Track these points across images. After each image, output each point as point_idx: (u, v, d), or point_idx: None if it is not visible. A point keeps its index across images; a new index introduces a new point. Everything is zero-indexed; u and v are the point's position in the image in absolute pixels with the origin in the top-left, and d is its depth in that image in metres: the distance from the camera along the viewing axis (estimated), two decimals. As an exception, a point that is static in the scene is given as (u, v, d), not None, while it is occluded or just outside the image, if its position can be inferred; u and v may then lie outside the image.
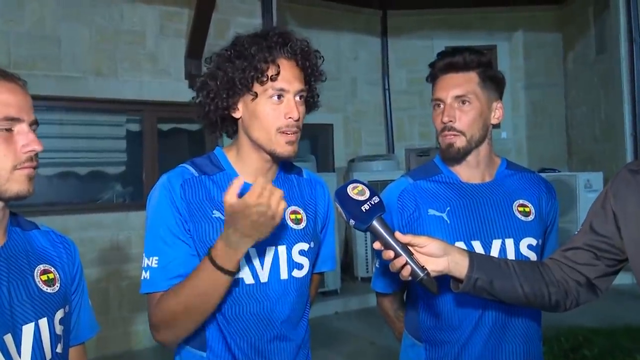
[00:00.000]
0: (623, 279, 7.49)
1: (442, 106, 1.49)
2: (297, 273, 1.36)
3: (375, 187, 1.24)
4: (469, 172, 1.53)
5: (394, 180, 1.62)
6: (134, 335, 4.80)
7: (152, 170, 5.20)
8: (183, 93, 5.22)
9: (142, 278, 1.31)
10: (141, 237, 4.90)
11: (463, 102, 1.47)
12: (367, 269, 6.62)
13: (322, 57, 1.37)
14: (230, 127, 1.37)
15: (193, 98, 1.37)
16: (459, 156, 1.49)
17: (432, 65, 1.55)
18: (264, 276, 1.31)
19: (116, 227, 4.85)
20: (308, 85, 1.34)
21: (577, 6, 7.85)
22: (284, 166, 1.43)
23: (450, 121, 1.46)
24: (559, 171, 7.23)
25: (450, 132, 1.47)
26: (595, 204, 1.30)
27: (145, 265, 1.30)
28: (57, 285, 1.18)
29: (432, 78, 1.55)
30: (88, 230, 4.59)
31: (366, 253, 6.60)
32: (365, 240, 6.53)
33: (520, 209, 1.51)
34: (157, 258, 1.28)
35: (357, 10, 7.62)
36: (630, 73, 6.86)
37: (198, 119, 1.38)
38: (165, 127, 5.41)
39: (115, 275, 4.75)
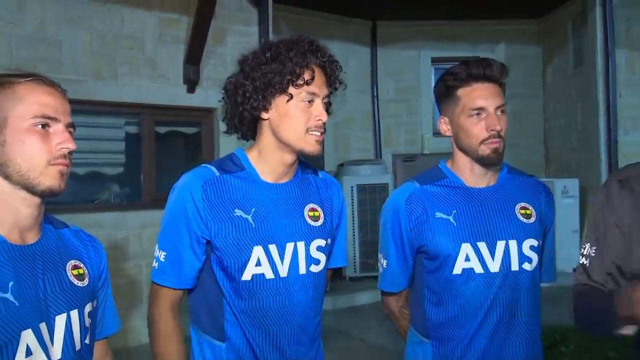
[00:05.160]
0: (598, 281, 7.52)
1: (483, 115, 1.48)
2: (314, 268, 1.38)
3: (363, 190, 1.27)
4: (474, 176, 1.55)
5: (381, 184, 1.65)
6: (131, 332, 4.76)
7: (150, 171, 5.18)
8: (181, 97, 5.21)
9: (153, 266, 1.37)
10: (138, 236, 4.89)
11: (502, 112, 1.50)
12: (354, 269, 6.65)
13: (341, 67, 1.39)
14: (251, 130, 1.39)
15: (223, 99, 1.39)
16: (500, 160, 1.52)
17: (459, 73, 1.51)
18: (283, 271, 1.34)
19: (114, 226, 4.81)
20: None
21: (556, 21, 7.96)
22: (301, 166, 1.45)
23: (500, 129, 1.48)
24: (537, 177, 7.34)
25: (497, 139, 1.48)
26: (597, 221, 1.29)
27: (156, 256, 1.36)
28: (87, 280, 1.21)
29: (459, 85, 1.51)
30: (87, 230, 4.52)
31: (354, 254, 6.63)
32: (353, 243, 6.55)
33: (522, 211, 1.54)
34: (165, 254, 1.34)
35: (348, 20, 7.66)
36: (606, 85, 6.99)
37: (223, 120, 1.39)
38: (162, 129, 5.38)
39: (112, 273, 4.61)
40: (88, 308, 1.19)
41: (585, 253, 1.30)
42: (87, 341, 1.19)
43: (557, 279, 1.70)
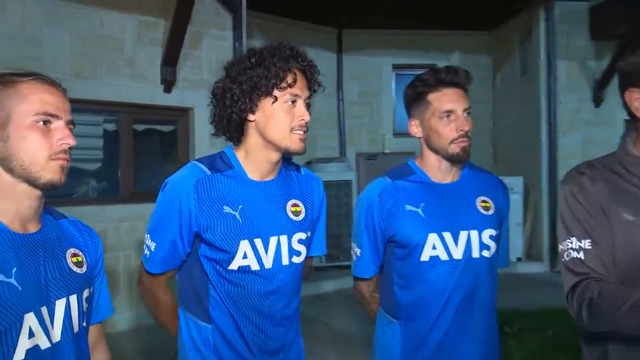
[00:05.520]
0: (538, 268, 7.86)
1: (452, 117, 1.53)
2: (296, 259, 1.41)
3: (329, 186, 1.30)
4: (441, 173, 1.60)
5: (345, 180, 1.68)
6: (108, 320, 4.67)
7: (127, 167, 5.08)
8: (158, 97, 5.13)
9: (144, 253, 1.40)
10: (116, 229, 4.80)
11: (468, 114, 1.55)
12: (320, 259, 6.68)
13: (319, 71, 1.42)
14: (237, 132, 1.39)
15: (211, 102, 1.39)
16: (468, 157, 1.56)
17: (428, 80, 1.56)
18: (268, 263, 1.36)
19: (93, 219, 4.69)
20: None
21: (505, 34, 8.17)
22: (285, 164, 1.46)
23: (467, 129, 1.53)
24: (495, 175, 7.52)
25: (465, 139, 1.53)
26: (579, 215, 1.24)
27: (147, 245, 1.38)
28: (85, 267, 1.21)
29: (429, 90, 1.56)
30: (66, 222, 4.43)
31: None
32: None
33: (482, 204, 1.60)
34: (155, 245, 1.36)
35: (317, 28, 7.68)
36: (548, 92, 7.24)
37: (212, 123, 1.39)
38: (140, 127, 5.29)
39: (91, 264, 4.60)
40: (86, 293, 1.19)
41: (575, 247, 1.22)
42: (84, 324, 1.20)
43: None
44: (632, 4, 6.48)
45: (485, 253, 1.56)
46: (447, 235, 1.54)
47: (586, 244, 1.21)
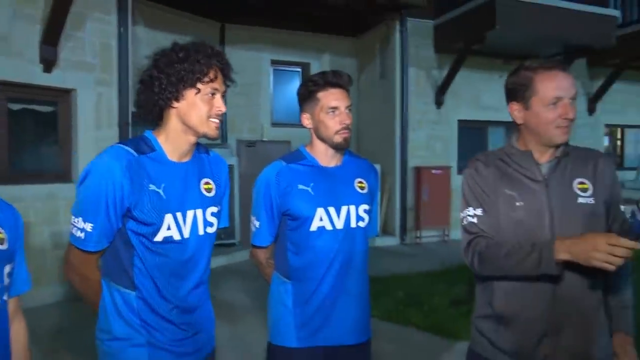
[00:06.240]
0: (391, 242, 8.58)
1: (336, 112, 1.71)
2: (209, 229, 1.49)
3: None
4: (327, 158, 1.79)
5: (229, 165, 1.77)
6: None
7: (1, 147, 4.55)
8: (37, 76, 4.66)
9: (77, 236, 1.34)
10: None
11: (349, 110, 1.73)
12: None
13: (233, 69, 1.50)
14: (158, 116, 1.43)
15: (139, 89, 1.40)
16: (348, 146, 1.74)
17: (318, 81, 1.71)
18: (186, 233, 1.42)
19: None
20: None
21: (367, 40, 8.70)
22: (197, 148, 1.53)
23: (348, 123, 1.71)
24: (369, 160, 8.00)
25: (347, 130, 1.72)
26: (474, 190, 1.49)
27: (81, 227, 1.34)
28: (6, 244, 1.17)
29: (319, 89, 1.71)
30: None
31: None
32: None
33: (359, 185, 1.80)
34: (92, 225, 1.33)
35: (201, 20, 7.45)
36: (401, 94, 7.93)
37: (138, 108, 1.41)
38: (16, 107, 4.75)
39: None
40: (7, 269, 1.16)
41: (471, 214, 1.48)
42: (5, 298, 1.16)
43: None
44: (466, 25, 7.38)
45: (361, 224, 1.78)
46: (332, 210, 1.72)
47: (479, 211, 1.48)
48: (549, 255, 1.32)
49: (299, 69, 8.70)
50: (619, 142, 10.40)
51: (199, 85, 1.37)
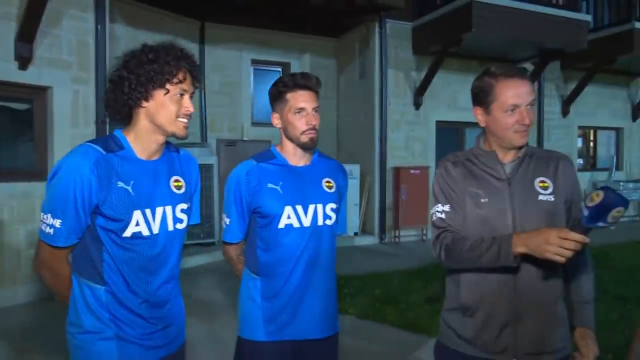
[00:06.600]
0: (370, 240, 8.64)
1: (304, 113, 1.76)
2: (179, 226, 1.53)
3: (200, 170, 1.48)
4: (296, 157, 1.83)
5: (207, 164, 1.81)
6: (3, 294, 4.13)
7: (-26, 144, 4.49)
8: (12, 73, 4.60)
9: (46, 232, 1.37)
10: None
11: (316, 111, 1.79)
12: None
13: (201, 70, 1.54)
14: (128, 116, 1.46)
15: (107, 88, 1.43)
16: (315, 146, 1.80)
17: (287, 82, 1.77)
18: (156, 229, 1.46)
19: None
20: None
21: (347, 42, 8.75)
22: (167, 146, 1.57)
23: (315, 124, 1.76)
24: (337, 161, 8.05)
25: (313, 131, 1.77)
26: (444, 188, 1.58)
27: (50, 223, 1.36)
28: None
29: (288, 90, 1.76)
30: None
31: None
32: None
33: (327, 184, 1.85)
34: (60, 221, 1.36)
35: (181, 19, 7.42)
36: (380, 95, 8.01)
37: (107, 108, 1.44)
38: (-10, 104, 4.69)
39: None
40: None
41: (440, 210, 1.58)
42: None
43: (338, 242, 2.00)
44: (443, 28, 7.51)
45: (328, 222, 1.83)
46: (299, 208, 1.77)
47: (447, 207, 1.57)
48: (507, 248, 1.40)
49: (280, 69, 8.73)
50: (591, 144, 10.67)
51: (168, 86, 1.41)
